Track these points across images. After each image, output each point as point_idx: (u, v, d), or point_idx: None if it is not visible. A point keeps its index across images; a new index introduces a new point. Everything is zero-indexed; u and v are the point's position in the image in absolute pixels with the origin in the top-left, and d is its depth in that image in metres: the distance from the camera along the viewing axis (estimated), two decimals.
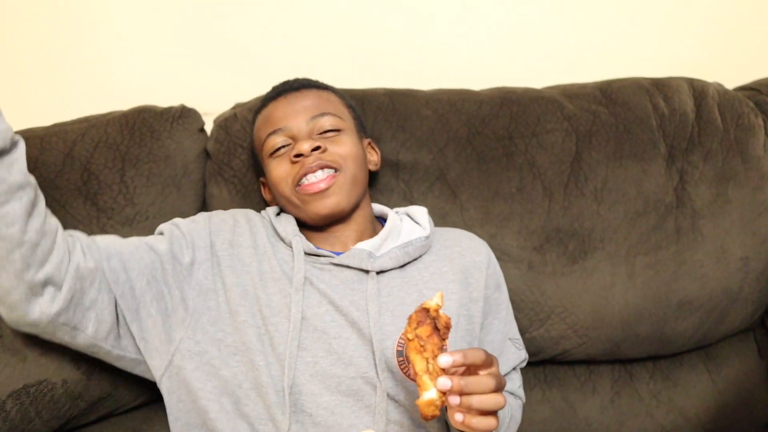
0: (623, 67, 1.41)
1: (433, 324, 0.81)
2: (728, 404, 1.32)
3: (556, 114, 1.26)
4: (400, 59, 1.49)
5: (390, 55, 1.48)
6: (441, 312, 0.81)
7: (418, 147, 1.22)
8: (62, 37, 1.45)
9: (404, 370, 0.97)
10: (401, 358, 0.97)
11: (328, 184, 1.02)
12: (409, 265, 1.05)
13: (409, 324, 0.81)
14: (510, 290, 1.16)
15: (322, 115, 1.07)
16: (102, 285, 0.93)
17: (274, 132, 1.07)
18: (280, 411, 0.94)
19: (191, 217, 1.07)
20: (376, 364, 0.96)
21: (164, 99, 1.27)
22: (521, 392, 1.14)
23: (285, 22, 1.47)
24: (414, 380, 0.91)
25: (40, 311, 0.88)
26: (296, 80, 1.15)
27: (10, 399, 0.98)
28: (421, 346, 0.80)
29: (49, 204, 1.04)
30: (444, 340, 0.81)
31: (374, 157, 1.16)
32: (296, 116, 1.07)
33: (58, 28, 1.44)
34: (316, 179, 1.02)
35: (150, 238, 1.02)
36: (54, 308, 0.88)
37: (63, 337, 0.93)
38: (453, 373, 0.81)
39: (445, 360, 0.78)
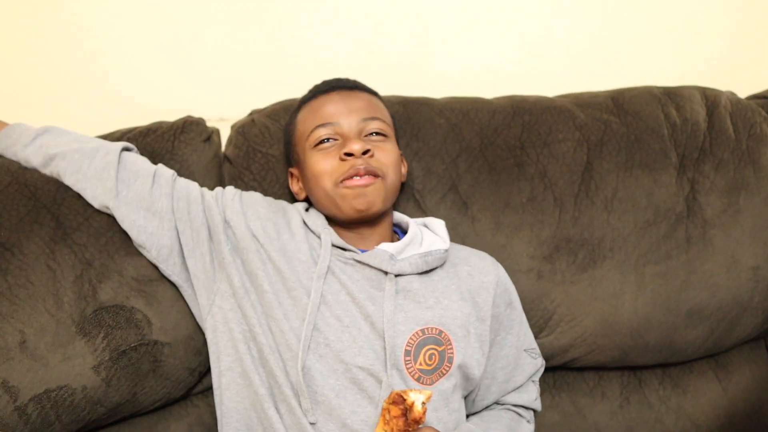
0: (636, 76, 1.40)
1: (404, 411, 0.88)
2: (738, 412, 1.32)
3: (567, 124, 1.26)
4: (415, 67, 1.49)
5: (404, 64, 1.49)
6: (418, 408, 0.87)
7: (431, 157, 1.23)
8: (82, 47, 1.47)
9: (409, 370, 1.00)
10: (408, 358, 1.00)
11: (367, 183, 1.05)
12: (425, 275, 1.07)
13: (388, 396, 0.89)
14: (520, 298, 1.17)
15: (373, 119, 1.10)
16: (166, 219, 1.08)
17: (323, 125, 1.09)
18: (294, 369, 0.99)
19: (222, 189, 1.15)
20: (386, 359, 0.99)
21: (181, 105, 1.29)
22: (537, 404, 1.17)
23: (300, 30, 1.48)
24: (416, 380, 1.00)
25: (117, 218, 1.08)
26: (349, 80, 1.17)
27: (31, 403, 1.01)
28: (387, 421, 0.88)
29: (71, 219, 1.08)
30: (409, 428, 0.88)
31: (404, 170, 1.18)
32: (349, 114, 1.09)
33: (79, 38, 1.46)
34: (360, 181, 1.05)
35: (204, 190, 1.13)
36: (129, 218, 1.07)
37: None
38: None
39: None
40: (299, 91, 1.22)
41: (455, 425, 1.05)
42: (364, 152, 1.05)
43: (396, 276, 1.05)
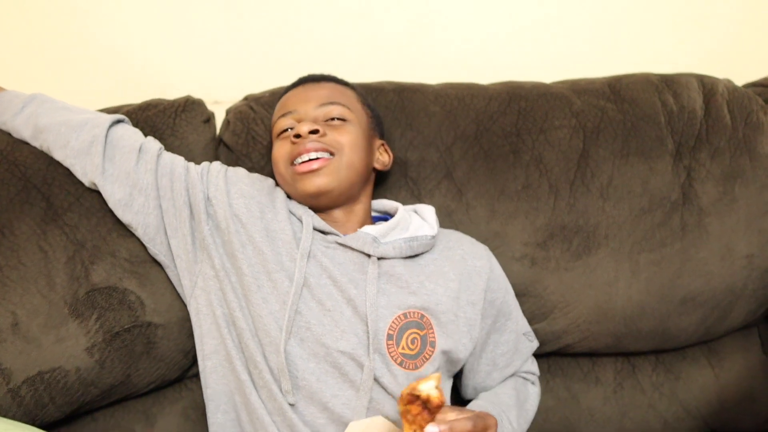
0: (633, 62, 1.40)
1: (424, 405, 0.84)
2: (730, 398, 1.33)
3: (563, 110, 1.26)
4: (410, 52, 1.49)
5: (400, 48, 1.49)
6: (435, 395, 0.83)
7: (425, 145, 1.23)
8: (81, 26, 1.46)
9: (391, 354, 1.00)
10: (390, 342, 1.00)
11: (319, 165, 1.05)
12: (411, 259, 1.07)
13: (400, 399, 0.85)
14: (513, 285, 1.17)
15: (332, 104, 1.10)
16: (151, 196, 1.06)
17: (283, 115, 1.12)
18: (274, 353, 0.99)
19: (209, 164, 1.13)
20: (369, 344, 0.99)
21: (178, 86, 1.29)
22: (536, 369, 1.20)
23: (296, 13, 1.47)
24: (398, 364, 0.99)
25: (104, 195, 1.07)
26: (319, 74, 1.18)
27: (24, 384, 1.01)
28: (411, 421, 0.84)
29: (62, 199, 1.07)
30: (434, 414, 0.84)
31: (384, 158, 1.17)
32: (306, 102, 1.11)
33: (77, 16, 1.46)
34: (309, 159, 1.05)
35: (190, 164, 1.11)
36: (114, 196, 1.06)
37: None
38: None
39: (431, 430, 0.83)
40: (294, 75, 1.21)
41: None
42: (312, 132, 1.06)
43: (379, 259, 1.04)
